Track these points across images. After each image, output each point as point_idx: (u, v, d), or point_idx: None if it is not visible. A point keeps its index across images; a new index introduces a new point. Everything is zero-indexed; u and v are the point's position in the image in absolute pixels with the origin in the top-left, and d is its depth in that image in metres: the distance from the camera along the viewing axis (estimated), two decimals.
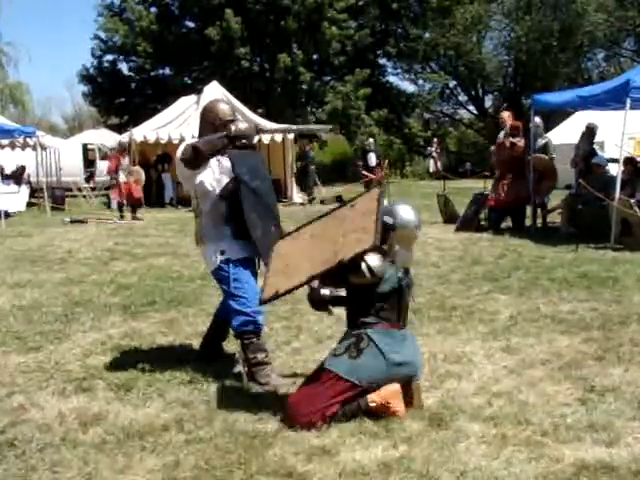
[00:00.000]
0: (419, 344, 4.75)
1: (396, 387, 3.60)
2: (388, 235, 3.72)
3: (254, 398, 3.90)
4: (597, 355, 4.58)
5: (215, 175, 4.24)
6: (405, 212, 3.77)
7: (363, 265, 3.57)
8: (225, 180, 4.24)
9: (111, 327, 5.66)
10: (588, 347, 4.77)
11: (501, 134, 11.40)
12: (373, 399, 3.56)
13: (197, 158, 4.06)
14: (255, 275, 4.33)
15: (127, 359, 4.73)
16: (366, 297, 3.69)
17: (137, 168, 16.19)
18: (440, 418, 3.57)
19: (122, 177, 15.17)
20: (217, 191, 4.22)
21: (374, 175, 18.76)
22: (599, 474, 2.98)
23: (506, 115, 11.80)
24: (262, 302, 3.85)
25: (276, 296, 3.71)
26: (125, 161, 15.72)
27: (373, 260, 3.59)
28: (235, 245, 4.21)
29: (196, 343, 4.94)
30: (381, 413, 3.57)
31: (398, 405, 3.57)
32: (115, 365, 4.61)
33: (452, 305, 6.10)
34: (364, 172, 19.27)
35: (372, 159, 19.71)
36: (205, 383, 4.15)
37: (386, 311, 3.70)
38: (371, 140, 21.38)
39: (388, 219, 3.71)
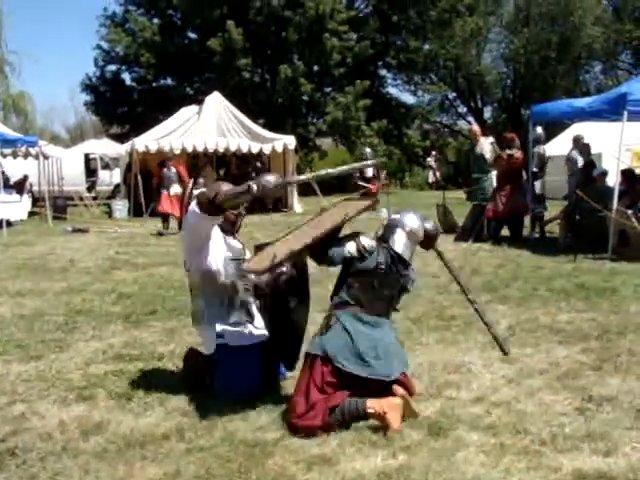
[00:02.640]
0: (418, 353, 4.79)
1: (398, 401, 3.62)
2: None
3: (254, 407, 3.92)
4: (595, 365, 4.61)
5: (225, 256, 4.16)
6: (411, 221, 4.06)
7: (353, 244, 3.83)
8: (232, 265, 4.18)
9: (112, 336, 5.69)
10: (586, 357, 4.80)
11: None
12: (372, 405, 3.59)
13: (215, 204, 3.75)
14: (253, 363, 4.16)
15: (128, 368, 4.76)
16: (345, 269, 3.88)
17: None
18: (439, 427, 3.60)
19: (174, 189, 14.51)
20: (224, 275, 4.13)
21: (371, 186, 18.64)
22: None
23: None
24: (259, 273, 3.86)
25: (273, 263, 3.71)
26: (171, 171, 14.74)
27: (366, 240, 3.88)
28: (236, 331, 4.16)
29: None
30: (377, 421, 3.60)
31: (395, 418, 3.56)
32: (116, 374, 4.63)
33: (451, 315, 6.13)
34: (360, 183, 19.10)
35: (368, 170, 19.53)
36: (205, 392, 4.16)
37: (356, 290, 3.82)
38: (367, 150, 20.83)
39: (396, 217, 4.05)
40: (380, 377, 3.69)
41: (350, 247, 3.85)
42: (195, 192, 5.35)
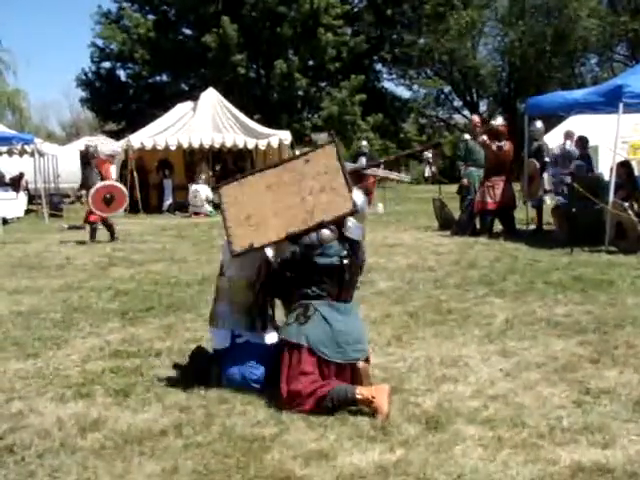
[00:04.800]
0: (415, 347, 4.81)
1: (385, 387, 3.77)
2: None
3: (252, 402, 3.92)
4: (592, 358, 4.61)
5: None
6: (359, 198, 4.12)
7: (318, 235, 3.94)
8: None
9: (109, 333, 5.68)
10: (583, 350, 4.80)
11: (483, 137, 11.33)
12: (361, 391, 3.71)
13: None
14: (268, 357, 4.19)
15: (125, 365, 4.75)
16: (309, 268, 3.95)
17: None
18: (437, 421, 3.60)
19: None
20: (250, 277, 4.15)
21: (366, 181, 18.29)
22: (595, 476, 3.01)
23: (476, 119, 11.98)
24: (235, 255, 3.90)
25: (250, 249, 3.86)
26: (94, 172, 12.30)
27: (325, 231, 3.96)
28: (253, 335, 4.23)
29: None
30: (365, 406, 3.70)
31: (383, 403, 3.65)
32: (113, 371, 4.62)
33: (448, 309, 6.13)
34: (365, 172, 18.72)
35: (361, 163, 19.17)
36: (203, 388, 4.16)
37: (327, 285, 3.95)
38: (364, 143, 20.63)
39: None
40: (351, 361, 3.91)
41: (311, 236, 3.96)
42: (193, 187, 5.36)
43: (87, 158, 12.82)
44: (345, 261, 3.98)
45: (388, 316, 5.93)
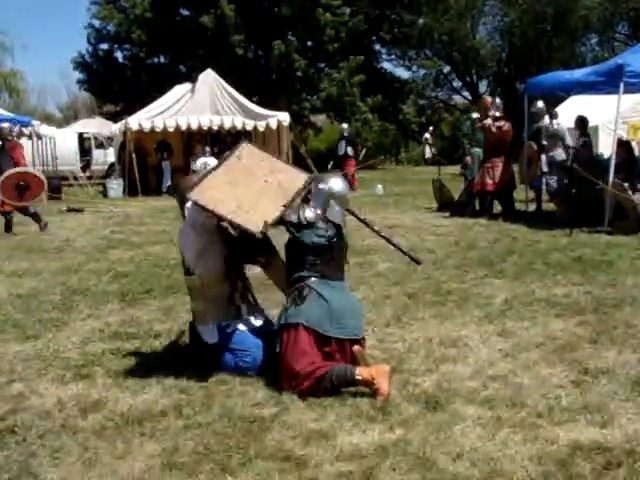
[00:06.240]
0: (414, 328, 4.82)
1: (386, 368, 3.76)
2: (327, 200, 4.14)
3: (251, 383, 3.94)
4: (591, 338, 4.62)
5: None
6: (337, 184, 4.21)
7: (301, 214, 4.00)
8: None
9: (109, 315, 5.69)
10: (582, 330, 4.81)
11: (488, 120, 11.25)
12: (361, 372, 3.70)
13: None
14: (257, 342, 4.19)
15: (125, 346, 4.77)
16: (300, 250, 3.99)
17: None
18: (436, 401, 3.61)
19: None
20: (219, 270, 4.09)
21: (344, 166, 17.59)
22: (593, 454, 3.02)
23: (489, 99, 11.89)
24: (264, 233, 3.91)
25: (268, 225, 3.89)
26: (7, 158, 11.21)
27: (308, 212, 4.02)
28: (239, 322, 4.21)
29: None
30: (365, 387, 3.70)
31: (383, 384, 3.65)
32: (113, 352, 4.64)
33: (447, 290, 6.14)
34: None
35: (341, 147, 18.47)
36: (203, 369, 4.17)
37: (319, 265, 3.98)
38: (345, 125, 19.96)
39: (324, 186, 4.14)
40: (352, 336, 3.92)
41: (292, 215, 4.01)
42: (201, 159, 5.28)
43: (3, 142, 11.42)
44: (333, 240, 4.04)
45: (387, 297, 5.94)
